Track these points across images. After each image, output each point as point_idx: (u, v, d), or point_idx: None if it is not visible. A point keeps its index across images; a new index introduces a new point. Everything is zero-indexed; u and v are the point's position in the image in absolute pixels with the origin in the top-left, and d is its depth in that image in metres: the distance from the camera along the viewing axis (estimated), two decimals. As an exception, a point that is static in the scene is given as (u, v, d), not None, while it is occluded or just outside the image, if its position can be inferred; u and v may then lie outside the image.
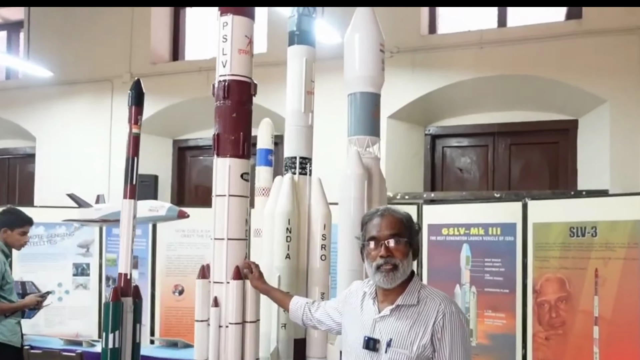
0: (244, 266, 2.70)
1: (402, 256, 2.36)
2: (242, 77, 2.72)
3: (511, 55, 6.63)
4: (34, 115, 9.05)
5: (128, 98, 4.22)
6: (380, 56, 4.06)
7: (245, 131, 2.68)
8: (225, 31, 2.69)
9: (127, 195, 4.03)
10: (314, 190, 3.29)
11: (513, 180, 7.15)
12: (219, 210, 2.66)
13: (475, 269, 5.41)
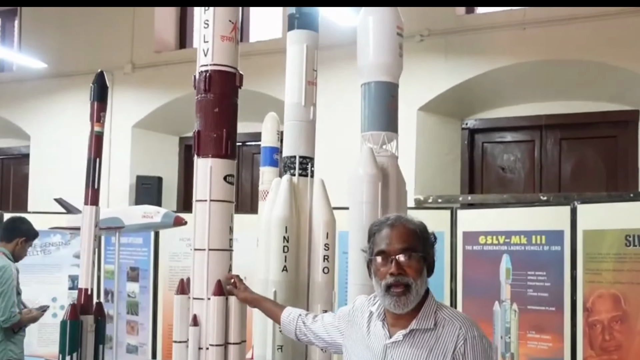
0: (227, 280, 2.67)
1: (416, 274, 2.27)
2: (226, 66, 2.67)
3: (559, 36, 6.46)
4: (28, 111, 9.18)
5: (90, 92, 4.24)
6: (397, 40, 4.00)
7: (229, 128, 2.65)
8: (207, 16, 2.65)
9: (89, 201, 4.05)
10: (316, 194, 3.24)
11: (563, 181, 7.00)
12: (199, 217, 2.63)
13: (517, 284, 5.32)
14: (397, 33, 4.03)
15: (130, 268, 7.06)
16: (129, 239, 7.00)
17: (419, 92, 6.93)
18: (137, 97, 8.52)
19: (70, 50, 8.84)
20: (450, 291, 5.60)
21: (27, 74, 8.91)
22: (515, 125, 7.25)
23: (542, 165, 7.10)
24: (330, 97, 6.88)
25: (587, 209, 5.04)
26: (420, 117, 7.00)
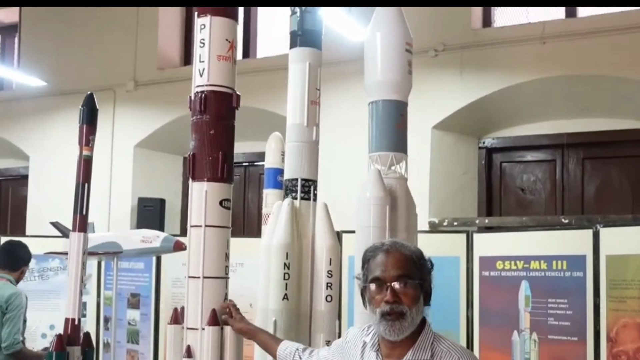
0: (223, 309, 2.68)
1: (412, 302, 2.28)
2: (222, 87, 2.72)
3: (580, 51, 6.46)
4: (28, 131, 9.27)
5: (79, 115, 4.28)
6: (406, 57, 4.03)
7: (225, 150, 2.67)
8: (203, 35, 2.70)
9: (77, 228, 4.08)
10: (319, 218, 3.25)
11: (586, 203, 6.95)
12: (194, 243, 2.65)
13: (537, 312, 5.28)
14: (406, 49, 4.05)
15: (131, 294, 7.09)
16: (129, 264, 7.03)
17: (433, 110, 6.94)
18: (139, 115, 8.60)
19: (71, 68, 8.95)
20: (467, 319, 5.58)
21: (26, 93, 9.03)
22: (535, 144, 7.22)
23: (564, 186, 7.06)
24: (338, 115, 6.92)
25: (610, 232, 5.00)
26: (435, 135, 7.01)
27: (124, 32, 8.73)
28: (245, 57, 8.46)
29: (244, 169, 8.67)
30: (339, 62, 6.51)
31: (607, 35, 6.39)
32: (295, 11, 3.41)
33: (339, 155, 7.03)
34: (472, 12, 7.07)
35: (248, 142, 8.07)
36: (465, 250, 5.65)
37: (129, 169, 8.63)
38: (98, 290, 7.18)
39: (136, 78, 8.65)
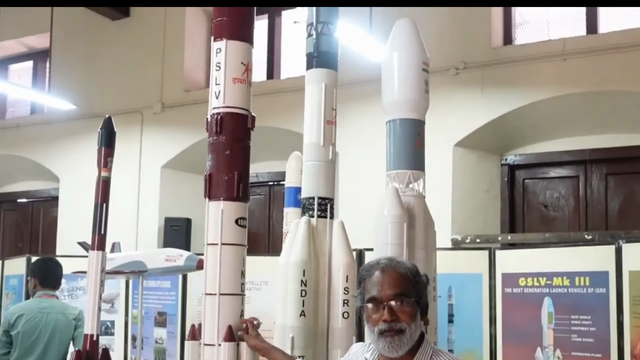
0: (239, 326, 2.71)
1: (409, 319, 2.29)
2: (238, 108, 2.77)
3: (601, 67, 6.46)
4: (58, 153, 9.45)
5: (98, 137, 4.36)
6: (423, 76, 4.05)
7: (241, 170, 2.71)
8: (219, 58, 2.75)
9: (95, 246, 4.14)
10: (336, 236, 3.28)
11: (610, 219, 6.90)
12: (210, 261, 2.70)
13: (560, 328, 5.24)
14: (423, 69, 4.07)
15: (158, 313, 7.13)
16: (156, 283, 7.08)
17: (455, 127, 6.96)
18: (166, 137, 8.72)
19: (99, 91, 9.14)
20: (490, 337, 5.54)
21: (57, 116, 9.21)
22: (558, 160, 7.20)
23: (587, 202, 7.01)
24: (357, 134, 6.97)
25: (633, 248, 4.96)
26: (457, 153, 7.02)
27: (151, 56, 8.89)
28: (269, 78, 8.55)
29: (269, 188, 8.74)
30: (359, 82, 6.58)
31: (628, 51, 6.38)
32: (311, 34, 3.46)
33: (358, 174, 7.08)
34: (493, 30, 7.10)
35: (273, 162, 8.16)
36: (488, 267, 5.62)
37: (156, 189, 8.74)
38: (126, 309, 7.25)
39: (163, 100, 8.79)
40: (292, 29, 8.58)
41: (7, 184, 10.78)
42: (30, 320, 4.85)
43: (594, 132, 6.93)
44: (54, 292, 5.14)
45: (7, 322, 4.82)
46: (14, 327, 4.81)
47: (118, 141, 9.23)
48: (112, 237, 7.17)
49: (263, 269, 5.71)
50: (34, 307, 4.95)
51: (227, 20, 2.74)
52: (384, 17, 6.27)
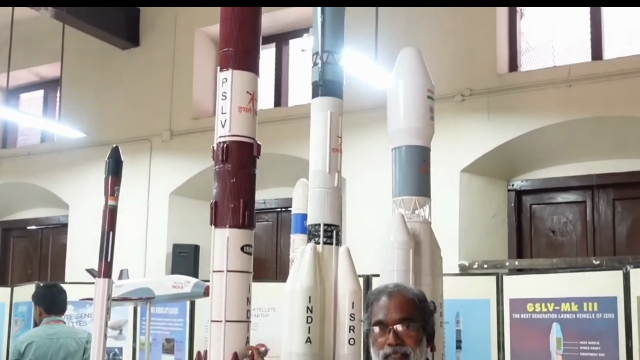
0: (244, 353, 2.72)
1: (415, 344, 2.31)
2: (244, 137, 2.78)
3: (606, 92, 6.48)
4: (67, 181, 9.51)
5: (105, 166, 4.40)
6: (428, 104, 4.08)
7: (246, 198, 2.72)
8: (225, 88, 2.77)
9: (102, 274, 4.17)
10: (342, 263, 3.27)
11: (618, 244, 6.87)
12: (216, 288, 2.70)
13: (569, 354, 5.21)
14: (428, 96, 4.10)
15: (166, 339, 7.13)
16: (164, 310, 7.09)
17: (461, 153, 6.98)
18: (174, 164, 8.77)
19: (109, 120, 9.21)
20: (498, 363, 5.52)
21: (67, 144, 9.28)
22: (565, 185, 7.18)
23: (595, 228, 6.99)
24: (364, 161, 6.99)
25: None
26: (464, 178, 7.03)
27: (160, 84, 8.97)
28: (277, 106, 8.61)
29: (277, 214, 8.75)
30: (365, 109, 6.62)
31: (633, 77, 6.40)
32: (317, 62, 3.49)
33: (365, 200, 7.09)
34: (498, 57, 7.14)
35: (280, 188, 8.18)
36: (496, 292, 5.61)
37: (165, 216, 8.77)
38: (134, 336, 7.25)
39: (172, 128, 8.85)
40: (299, 58, 8.65)
41: (17, 211, 10.83)
42: (40, 347, 4.86)
43: (600, 157, 6.93)
44: (61, 318, 5.15)
45: (17, 351, 4.83)
46: (25, 355, 4.82)
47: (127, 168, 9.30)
48: (120, 263, 7.22)
49: (271, 295, 5.71)
50: (42, 334, 4.96)
51: (233, 50, 2.77)
52: (389, 45, 6.32)
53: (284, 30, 8.60)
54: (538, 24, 7.39)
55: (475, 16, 7.15)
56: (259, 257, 8.65)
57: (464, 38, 7.13)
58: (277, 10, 8.06)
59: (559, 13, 7.29)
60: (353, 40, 5.59)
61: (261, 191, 8.53)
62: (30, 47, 9.34)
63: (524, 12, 7.45)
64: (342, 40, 3.53)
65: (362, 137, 6.96)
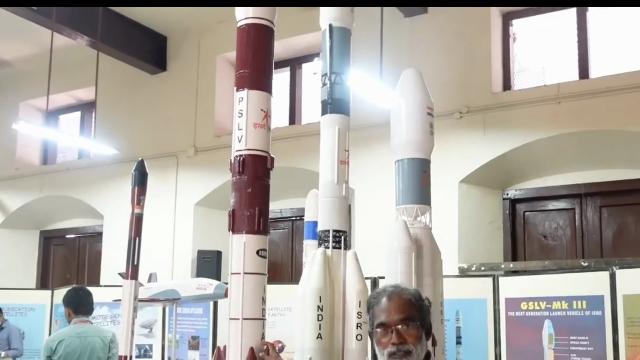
0: (260, 348, 2.71)
1: (416, 341, 2.29)
2: (258, 151, 2.80)
3: (594, 108, 6.45)
4: (102, 193, 9.55)
5: (132, 179, 4.39)
6: (427, 120, 4.07)
7: (261, 206, 2.73)
8: (241, 106, 2.80)
9: (129, 276, 4.16)
10: (349, 265, 3.26)
11: (605, 247, 6.81)
12: (234, 289, 2.70)
13: (560, 349, 5.17)
14: (428, 113, 4.09)
15: (192, 337, 7.14)
16: (190, 310, 7.10)
17: (460, 166, 6.96)
18: (198, 177, 8.79)
19: (139, 137, 9.25)
20: (495, 357, 5.48)
21: (101, 160, 9.33)
22: (555, 194, 7.14)
23: (583, 232, 6.94)
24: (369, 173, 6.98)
25: (626, 273, 4.91)
26: (462, 189, 7.01)
27: (185, 105, 9.02)
28: (291, 124, 8.63)
29: (292, 222, 8.74)
30: (371, 126, 6.62)
31: (617, 94, 6.38)
32: (325, 83, 3.49)
33: (371, 209, 7.08)
34: (493, 77, 7.13)
35: (295, 199, 8.17)
36: (492, 292, 5.59)
37: (190, 225, 8.79)
38: (163, 334, 7.26)
39: (196, 145, 8.88)
40: (311, 80, 8.67)
41: (57, 221, 10.88)
42: (70, 345, 4.86)
43: (587, 168, 6.89)
44: (88, 318, 5.15)
45: (50, 348, 4.83)
46: (56, 352, 4.82)
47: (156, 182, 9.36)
48: (150, 268, 7.27)
49: (287, 296, 5.68)
50: (72, 333, 4.97)
51: (248, 72, 2.79)
52: (393, 67, 6.31)
53: (297, 55, 8.63)
54: (529, 47, 7.38)
55: (471, 40, 7.16)
56: (276, 261, 8.64)
57: (462, 60, 7.13)
58: (290, 38, 8.09)
59: (549, 36, 7.28)
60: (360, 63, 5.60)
61: (278, 202, 8.60)
62: (68, 73, 9.41)
63: (517, 36, 7.44)
64: (349, 62, 3.53)
65: (369, 151, 6.96)
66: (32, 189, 10.35)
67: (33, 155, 10.94)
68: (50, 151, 11.05)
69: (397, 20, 7.34)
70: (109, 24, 8.36)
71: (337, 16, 3.43)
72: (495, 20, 7.26)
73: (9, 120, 8.98)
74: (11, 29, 8.72)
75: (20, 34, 8.91)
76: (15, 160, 10.67)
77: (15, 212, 10.59)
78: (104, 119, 9.35)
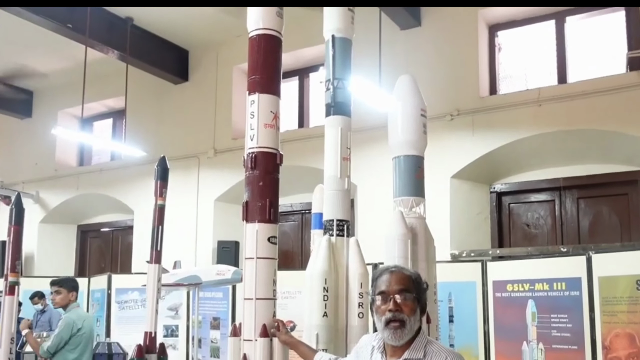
0: (272, 324, 2.71)
1: (410, 312, 2.30)
2: (269, 148, 2.80)
3: (571, 110, 6.41)
4: (132, 191, 9.56)
5: (154, 173, 4.37)
6: (421, 121, 4.08)
7: (271, 198, 2.73)
8: (253, 108, 2.80)
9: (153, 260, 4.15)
10: (352, 251, 3.27)
11: (582, 235, 6.77)
12: (248, 272, 2.70)
13: (542, 325, 5.16)
14: (421, 115, 4.11)
15: (213, 318, 7.15)
16: (211, 294, 7.11)
17: (451, 163, 6.93)
18: (218, 176, 8.79)
19: (165, 141, 9.25)
20: (484, 334, 5.47)
21: (131, 161, 9.35)
22: (537, 187, 7.10)
23: (563, 221, 6.90)
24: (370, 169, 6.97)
25: (601, 258, 4.91)
26: (453, 183, 6.98)
27: (205, 112, 9.03)
28: (300, 127, 8.62)
29: (301, 215, 8.73)
30: (372, 127, 6.61)
31: (592, 96, 6.35)
32: (329, 88, 3.49)
33: (372, 201, 7.08)
34: (480, 83, 7.10)
35: (304, 194, 8.16)
36: (481, 276, 5.59)
37: (211, 218, 8.79)
38: (187, 315, 7.27)
39: (215, 147, 8.88)
40: (317, 88, 8.66)
41: (93, 216, 10.92)
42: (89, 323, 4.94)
43: (566, 163, 6.85)
44: None
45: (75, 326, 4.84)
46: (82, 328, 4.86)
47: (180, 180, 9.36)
48: (175, 256, 7.28)
49: (297, 281, 5.68)
50: (83, 315, 5.03)
51: (259, 77, 2.79)
52: (391, 73, 6.31)
53: (305, 66, 8.62)
54: (513, 56, 7.36)
55: (461, 49, 7.13)
56: (288, 249, 8.64)
57: (452, 67, 7.11)
58: (298, 50, 8.08)
59: (530, 46, 7.25)
60: (361, 70, 5.61)
61: (289, 197, 8.59)
62: (100, 83, 9.44)
63: (502, 45, 7.41)
64: (350, 69, 3.53)
65: (369, 149, 6.94)
66: (70, 188, 10.38)
67: (70, 158, 10.97)
68: (86, 154, 11.08)
69: (394, 32, 7.32)
70: (136, 39, 8.38)
71: (339, 27, 3.44)
72: (482, 31, 7.23)
73: (49, 126, 9.02)
74: (48, 45, 8.75)
75: (56, 49, 8.93)
76: (54, 163, 10.70)
77: (55, 209, 10.63)
78: (133, 125, 9.36)
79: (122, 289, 7.82)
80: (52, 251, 10.77)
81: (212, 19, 8.26)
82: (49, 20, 7.32)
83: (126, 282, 7.86)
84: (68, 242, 11.00)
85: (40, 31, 7.70)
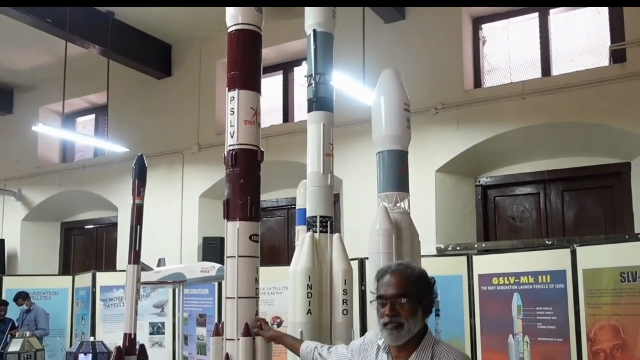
0: (254, 324, 2.68)
1: (408, 315, 2.27)
2: (249, 145, 2.76)
3: (555, 103, 6.43)
4: (116, 187, 9.49)
5: (132, 172, 4.29)
6: (405, 115, 4.05)
7: (253, 195, 2.70)
8: (232, 105, 2.76)
9: (131, 261, 4.09)
10: (335, 247, 3.25)
11: (567, 227, 6.81)
12: (229, 270, 2.67)
13: (528, 318, 5.16)
14: (405, 109, 4.08)
15: (199, 315, 7.11)
16: (197, 290, 7.06)
17: (436, 157, 6.94)
18: (202, 172, 8.74)
19: (148, 137, 9.19)
20: (470, 327, 5.47)
21: (115, 157, 9.27)
22: (522, 180, 7.13)
23: (547, 214, 6.93)
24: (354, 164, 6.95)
25: (585, 250, 4.91)
26: (439, 177, 6.98)
27: (188, 107, 8.96)
28: (285, 122, 8.58)
29: (287, 210, 8.71)
30: (356, 122, 6.59)
31: (576, 89, 6.37)
32: (311, 83, 3.46)
33: (357, 196, 7.05)
34: (465, 76, 7.10)
35: (290, 189, 8.13)
36: (467, 269, 5.58)
37: (195, 214, 8.74)
38: (173, 312, 7.22)
39: (199, 142, 8.82)
40: (301, 82, 8.60)
41: (77, 213, 10.83)
42: None
43: (550, 156, 6.88)
44: None
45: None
46: None
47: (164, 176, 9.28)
48: (160, 253, 7.22)
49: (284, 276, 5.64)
50: None
51: (238, 73, 2.75)
52: (374, 67, 6.28)
53: (289, 60, 8.57)
54: (497, 49, 7.36)
55: (445, 43, 7.12)
56: (274, 245, 8.62)
57: (436, 61, 7.10)
58: (282, 44, 8.02)
59: (515, 39, 7.25)
60: (345, 65, 5.58)
61: (274, 192, 8.55)
62: (81, 79, 9.34)
63: (486, 38, 7.41)
64: (332, 64, 3.50)
65: (354, 144, 6.92)
66: (53, 185, 10.28)
67: (53, 155, 10.86)
68: (69, 150, 10.97)
69: (377, 25, 7.30)
70: (118, 33, 8.29)
71: (320, 22, 3.40)
72: (466, 24, 7.22)
73: (30, 123, 8.90)
74: (28, 40, 8.63)
75: (36, 44, 8.81)
76: (37, 159, 10.60)
77: (38, 206, 10.52)
78: (116, 121, 9.27)
79: (107, 286, 7.75)
80: (35, 249, 10.67)
81: (194, 13, 8.19)
82: (27, 14, 7.21)
83: (111, 280, 7.79)
84: (52, 240, 10.90)
85: (19, 26, 7.59)
